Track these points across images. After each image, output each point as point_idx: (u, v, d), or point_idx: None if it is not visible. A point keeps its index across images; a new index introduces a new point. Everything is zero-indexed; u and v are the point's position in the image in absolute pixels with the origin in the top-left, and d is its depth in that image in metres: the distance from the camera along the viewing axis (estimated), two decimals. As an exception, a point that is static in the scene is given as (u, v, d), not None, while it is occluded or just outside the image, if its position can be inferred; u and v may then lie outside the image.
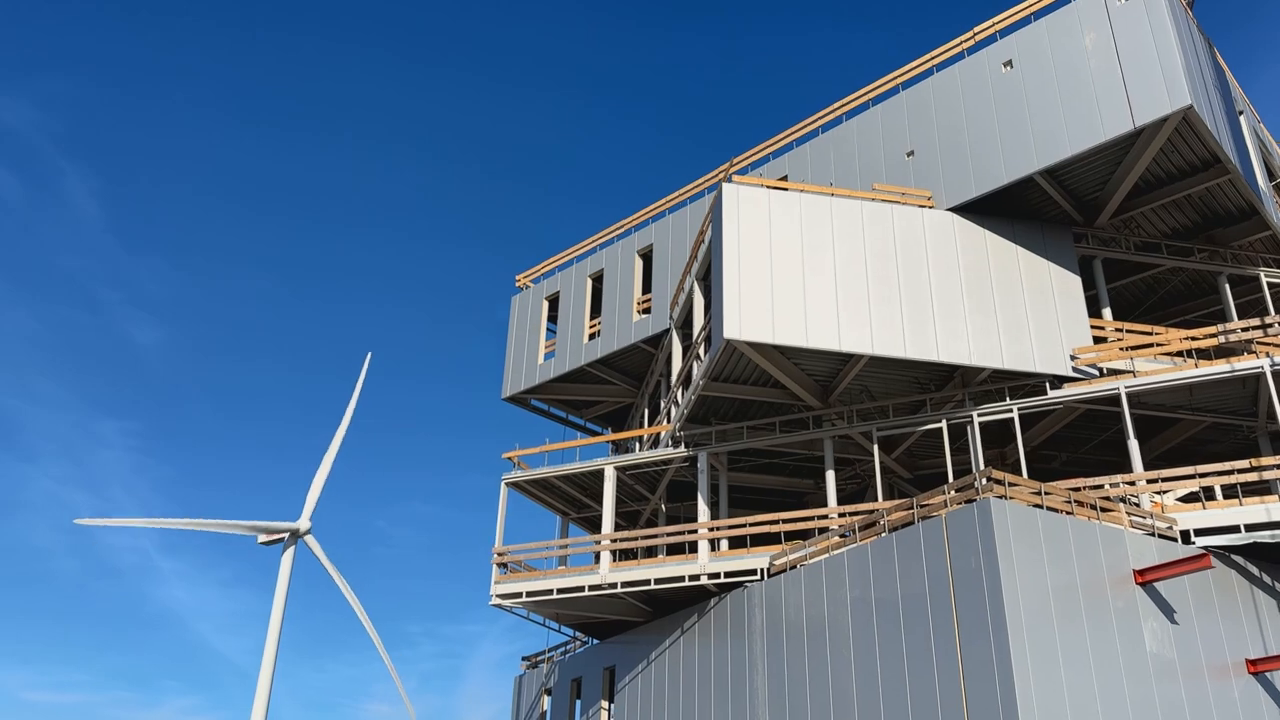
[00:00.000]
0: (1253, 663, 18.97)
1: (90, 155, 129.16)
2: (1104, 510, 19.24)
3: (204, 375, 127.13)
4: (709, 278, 24.86)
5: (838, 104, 27.14)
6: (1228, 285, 24.44)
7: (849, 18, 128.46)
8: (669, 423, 26.33)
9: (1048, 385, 22.45)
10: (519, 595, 25.55)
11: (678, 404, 25.94)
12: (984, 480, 18.52)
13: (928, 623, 17.99)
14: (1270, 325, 22.10)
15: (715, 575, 23.26)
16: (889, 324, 21.97)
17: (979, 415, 22.72)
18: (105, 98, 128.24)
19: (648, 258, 31.23)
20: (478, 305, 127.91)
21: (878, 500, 23.03)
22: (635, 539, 25.23)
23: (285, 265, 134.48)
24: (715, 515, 25.68)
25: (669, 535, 24.87)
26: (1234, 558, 19.94)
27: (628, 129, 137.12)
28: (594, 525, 30.65)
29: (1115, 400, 22.05)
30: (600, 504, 27.25)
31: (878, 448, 23.92)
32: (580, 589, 24.77)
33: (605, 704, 26.97)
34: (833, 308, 21.93)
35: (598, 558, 24.98)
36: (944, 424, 23.02)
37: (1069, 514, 18.68)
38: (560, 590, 25.04)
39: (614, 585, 24.32)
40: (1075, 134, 21.71)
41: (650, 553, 27.76)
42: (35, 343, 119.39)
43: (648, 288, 30.77)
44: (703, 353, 24.17)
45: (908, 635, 18.30)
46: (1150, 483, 20.68)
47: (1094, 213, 24.20)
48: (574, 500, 29.58)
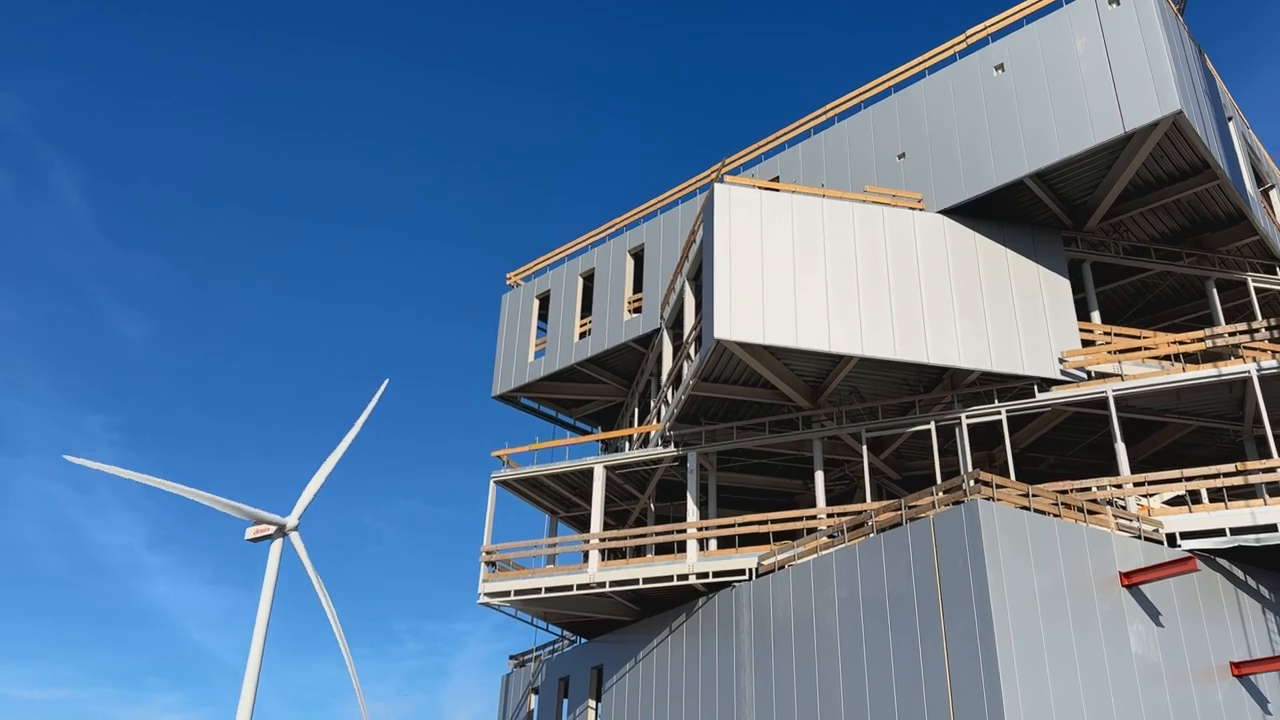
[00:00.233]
0: (1236, 665, 19.09)
1: (78, 150, 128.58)
2: (1091, 513, 19.34)
3: (192, 372, 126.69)
4: (700, 277, 24.88)
5: (830, 105, 27.21)
6: (1215, 290, 24.58)
7: (842, 21, 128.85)
8: (659, 422, 26.34)
9: (1036, 388, 22.54)
10: (507, 594, 25.53)
11: (668, 403, 25.95)
12: (972, 482, 18.60)
13: (915, 623, 18.06)
14: (1257, 330, 22.25)
15: (704, 575, 23.29)
16: (879, 325, 22.03)
17: (967, 417, 22.80)
18: (96, 93, 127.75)
19: (639, 257, 31.21)
20: (467, 303, 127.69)
21: (866, 501, 23.10)
22: (624, 538, 25.24)
23: (278, 263, 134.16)
24: (704, 515, 25.71)
25: (658, 535, 24.89)
26: (1219, 561, 20.07)
27: (626, 130, 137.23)
28: (583, 524, 30.64)
29: (1103, 403, 22.16)
30: (589, 503, 27.25)
31: (866, 449, 23.99)
32: (568, 588, 24.77)
33: (592, 703, 26.96)
34: (823, 309, 21.98)
35: (586, 557, 24.97)
36: (932, 425, 23.10)
37: (1056, 516, 18.77)
38: (548, 589, 25.03)
39: (602, 584, 24.33)
40: (1066, 138, 21.81)
41: (639, 552, 27.76)
42: (21, 337, 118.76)
43: (639, 287, 30.75)
44: (693, 352, 24.19)
45: (895, 636, 18.36)
46: (1137, 486, 20.80)
47: (1083, 216, 24.32)
48: (563, 499, 29.57)
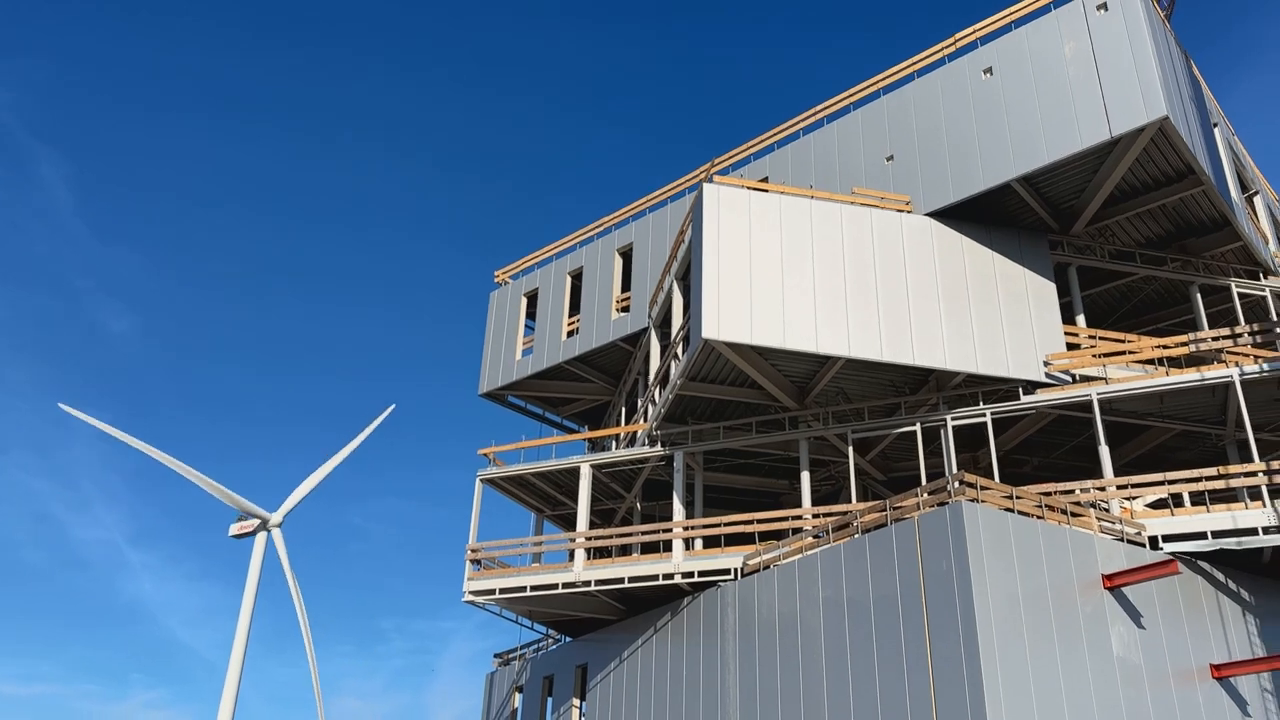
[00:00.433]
0: (1217, 668, 19.23)
1: (65, 143, 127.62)
2: (1074, 515, 19.45)
3: (178, 368, 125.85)
4: (688, 277, 24.90)
5: (819, 107, 27.27)
6: (1199, 295, 24.74)
7: (832, 23, 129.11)
8: (646, 421, 26.36)
9: (1021, 390, 22.65)
10: (492, 592, 25.50)
11: (655, 403, 25.97)
12: (956, 483, 18.69)
13: (899, 624, 18.13)
14: (1240, 335, 22.43)
15: (689, 574, 23.31)
16: (866, 327, 22.09)
17: (953, 419, 22.90)
18: (84, 87, 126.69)
19: (627, 256, 31.21)
20: (455, 302, 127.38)
21: (851, 502, 23.18)
22: (610, 537, 25.25)
23: (266, 261, 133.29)
24: (690, 514, 25.73)
25: (644, 534, 24.91)
26: (1200, 564, 20.21)
27: (615, 130, 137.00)
28: (569, 523, 30.64)
29: (1087, 406, 22.29)
30: (575, 502, 27.24)
31: (852, 450, 24.06)
32: (554, 586, 24.76)
33: (577, 702, 26.96)
34: (810, 310, 22.04)
35: (572, 555, 24.97)
36: (918, 427, 23.19)
37: (1040, 518, 18.88)
38: (534, 587, 25.01)
39: (588, 583, 24.33)
40: (1053, 142, 21.92)
41: (625, 551, 27.77)
42: (4, 329, 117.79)
43: (627, 286, 30.75)
44: (680, 352, 24.21)
45: (879, 636, 18.43)
46: (1120, 488, 20.92)
47: (1070, 220, 24.45)
48: (549, 498, 29.56)
